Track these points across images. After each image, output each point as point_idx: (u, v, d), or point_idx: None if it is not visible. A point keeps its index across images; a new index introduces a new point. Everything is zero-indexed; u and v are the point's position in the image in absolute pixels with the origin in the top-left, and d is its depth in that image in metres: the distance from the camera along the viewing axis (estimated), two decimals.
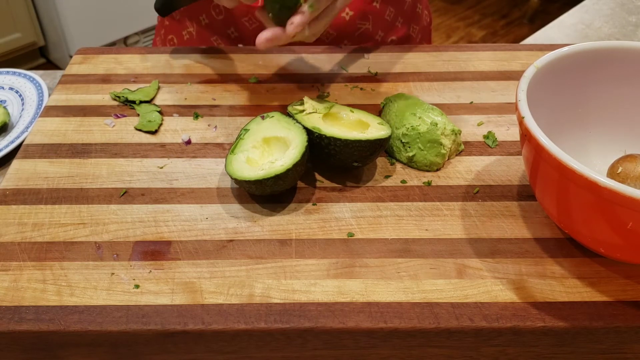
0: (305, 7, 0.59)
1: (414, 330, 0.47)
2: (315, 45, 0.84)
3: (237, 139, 0.59)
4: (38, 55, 2.43)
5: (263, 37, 0.60)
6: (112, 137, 0.66)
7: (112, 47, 1.20)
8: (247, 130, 0.60)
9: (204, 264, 0.52)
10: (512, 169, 0.62)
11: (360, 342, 0.49)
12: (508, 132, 0.67)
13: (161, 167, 0.62)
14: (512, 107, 0.70)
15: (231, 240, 0.54)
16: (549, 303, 0.49)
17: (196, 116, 0.69)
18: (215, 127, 0.67)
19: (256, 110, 0.70)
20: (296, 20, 0.59)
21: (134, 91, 0.72)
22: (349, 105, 0.68)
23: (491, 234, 0.55)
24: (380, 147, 0.58)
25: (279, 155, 0.57)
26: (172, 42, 0.92)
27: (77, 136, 0.66)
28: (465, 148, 0.65)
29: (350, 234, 0.55)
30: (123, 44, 2.38)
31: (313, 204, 0.58)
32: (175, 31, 0.91)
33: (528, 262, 0.52)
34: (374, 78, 0.75)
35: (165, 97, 0.72)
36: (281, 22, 0.60)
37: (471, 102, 0.71)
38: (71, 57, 1.19)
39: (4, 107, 0.77)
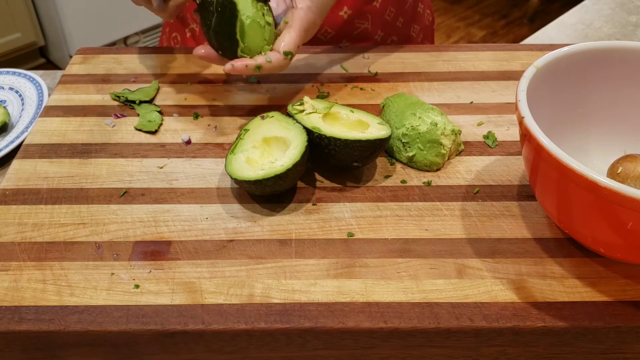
0: (251, 64, 0.60)
1: (414, 330, 0.47)
2: (315, 45, 0.84)
3: (237, 139, 0.59)
4: (38, 55, 2.43)
5: (199, 51, 0.64)
6: (112, 137, 0.66)
7: (112, 47, 1.20)
8: (247, 130, 0.60)
9: (204, 264, 0.52)
10: (512, 169, 0.62)
11: (360, 342, 0.49)
12: (508, 132, 0.67)
13: (161, 167, 0.62)
14: (512, 107, 0.70)
15: (231, 240, 0.54)
16: (549, 303, 0.49)
17: (196, 116, 0.69)
18: (215, 127, 0.67)
19: (256, 110, 0.70)
20: (237, 65, 0.60)
21: (134, 91, 0.72)
22: (349, 105, 0.68)
23: (491, 234, 0.55)
24: (380, 147, 0.58)
25: (279, 155, 0.57)
26: (175, 40, 0.92)
27: (77, 136, 0.66)
28: (465, 148, 0.65)
29: (350, 234, 0.55)
30: (123, 44, 2.38)
31: (313, 204, 0.58)
32: (179, 29, 0.91)
33: (528, 262, 0.52)
34: (374, 78, 0.75)
35: (165, 97, 0.72)
36: (221, 50, 0.62)
37: (471, 102, 0.71)
38: (71, 57, 1.19)
39: (4, 107, 0.77)
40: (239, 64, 0.60)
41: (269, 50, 0.62)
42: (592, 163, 0.59)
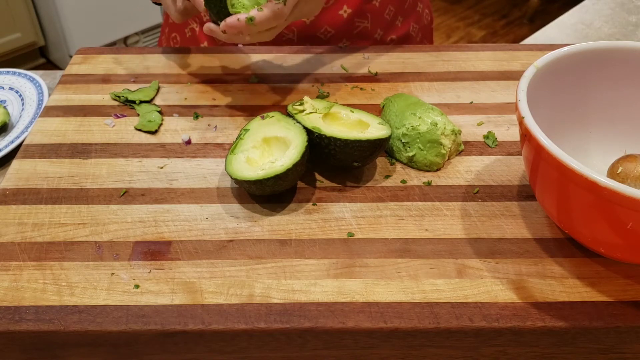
0: (243, 17, 0.59)
1: (414, 330, 0.47)
2: (315, 45, 0.84)
3: (237, 139, 0.59)
4: (38, 55, 2.43)
5: (205, 26, 0.64)
6: (112, 137, 0.66)
7: (112, 47, 1.20)
8: (247, 130, 0.60)
9: (204, 264, 0.52)
10: (512, 169, 0.62)
11: (360, 342, 0.49)
12: (508, 132, 0.67)
13: (161, 167, 0.62)
14: (512, 107, 0.70)
15: (231, 240, 0.54)
16: (549, 303, 0.49)
17: (196, 116, 0.69)
18: (215, 127, 0.67)
19: (256, 110, 0.70)
20: (229, 20, 0.59)
21: (134, 91, 0.72)
22: (349, 105, 0.68)
23: (491, 234, 0.55)
24: (380, 147, 0.58)
25: (279, 155, 0.57)
26: (175, 40, 0.92)
27: (77, 136, 0.66)
28: (465, 148, 0.65)
29: (350, 234, 0.55)
30: (123, 44, 2.38)
31: (313, 204, 0.58)
32: (179, 29, 0.91)
33: (528, 262, 0.52)
34: (374, 78, 0.75)
35: (165, 97, 0.72)
36: (218, 17, 0.62)
37: (471, 102, 0.71)
38: (71, 57, 1.19)
39: (4, 107, 0.77)
40: (230, 19, 0.59)
41: None
42: (592, 163, 0.59)
